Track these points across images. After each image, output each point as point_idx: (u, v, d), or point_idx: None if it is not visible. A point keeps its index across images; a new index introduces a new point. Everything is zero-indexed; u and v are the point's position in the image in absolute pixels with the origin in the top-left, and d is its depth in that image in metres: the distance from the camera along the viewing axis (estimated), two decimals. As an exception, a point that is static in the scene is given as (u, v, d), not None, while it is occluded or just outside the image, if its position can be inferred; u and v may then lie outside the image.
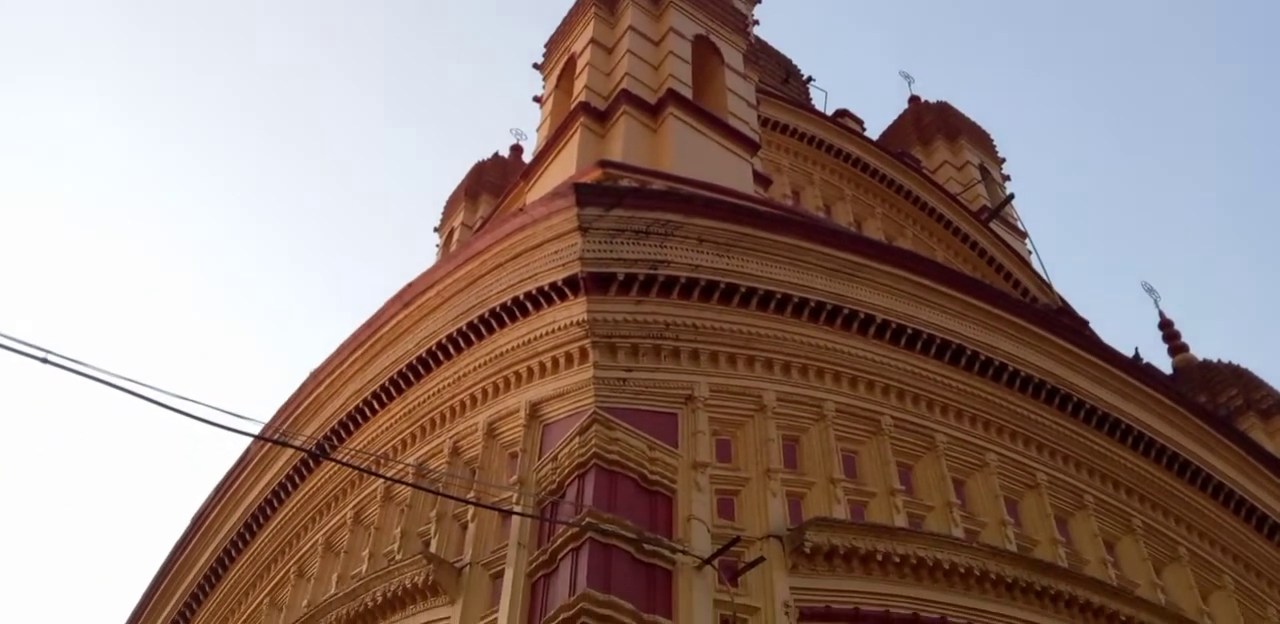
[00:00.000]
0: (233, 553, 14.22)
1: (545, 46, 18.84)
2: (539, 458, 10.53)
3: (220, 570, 14.35)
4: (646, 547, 9.11)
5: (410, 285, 12.68)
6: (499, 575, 9.77)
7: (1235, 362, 22.36)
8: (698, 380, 10.81)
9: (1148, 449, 12.81)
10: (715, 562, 9.16)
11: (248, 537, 14.14)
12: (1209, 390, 21.07)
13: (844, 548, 9.70)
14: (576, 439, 10.04)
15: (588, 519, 9.10)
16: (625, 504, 9.46)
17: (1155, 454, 12.87)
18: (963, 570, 10.07)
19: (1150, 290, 25.78)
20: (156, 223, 56.07)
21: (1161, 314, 25.18)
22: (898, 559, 9.84)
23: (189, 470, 48.74)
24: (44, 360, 6.78)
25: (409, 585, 10.25)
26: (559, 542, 9.26)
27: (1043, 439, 12.22)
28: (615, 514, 9.21)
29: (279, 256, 57.70)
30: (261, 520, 13.92)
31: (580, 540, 9.06)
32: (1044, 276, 22.31)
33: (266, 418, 13.63)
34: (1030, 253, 23.26)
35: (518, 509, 10.03)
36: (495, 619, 9.31)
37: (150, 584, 15.36)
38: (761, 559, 9.36)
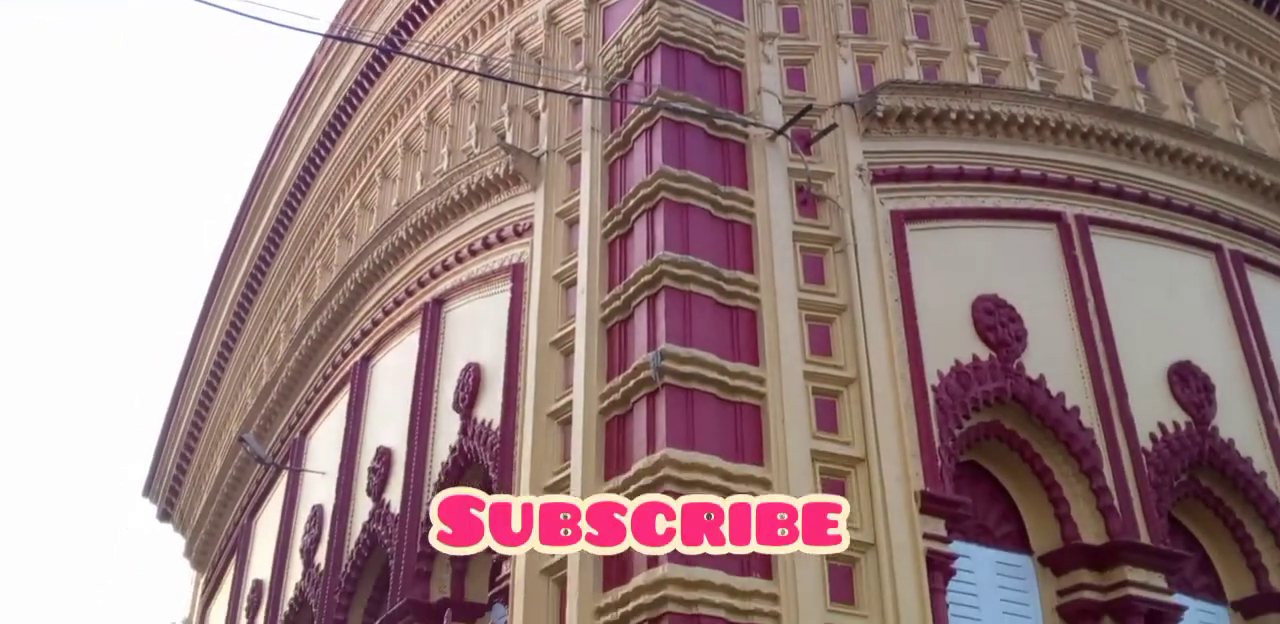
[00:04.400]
0: (317, 161, 14.60)
1: None
2: (603, 42, 10.37)
3: (309, 178, 14.81)
4: (718, 122, 9.14)
5: None
6: (576, 161, 9.95)
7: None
8: (761, -53, 10.32)
9: (1235, -14, 12.22)
10: (788, 132, 9.18)
11: (329, 145, 14.44)
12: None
13: (916, 109, 9.66)
14: (640, 18, 9.80)
15: (658, 98, 9.09)
16: (694, 81, 9.38)
17: (1243, -9, 12.30)
18: (1038, 123, 10.06)
19: None
20: None
21: None
22: (971, 117, 9.82)
23: (259, 90, 49.10)
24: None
25: (491, 177, 10.54)
26: (632, 123, 9.32)
27: (1125, -16, 11.69)
28: (685, 91, 9.18)
29: None
30: (339, 127, 14.15)
31: (653, 120, 9.11)
32: None
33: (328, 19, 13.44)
34: None
35: (588, 93, 10.02)
36: (577, 201, 9.61)
37: (244, 197, 15.96)
38: (834, 126, 9.35)
